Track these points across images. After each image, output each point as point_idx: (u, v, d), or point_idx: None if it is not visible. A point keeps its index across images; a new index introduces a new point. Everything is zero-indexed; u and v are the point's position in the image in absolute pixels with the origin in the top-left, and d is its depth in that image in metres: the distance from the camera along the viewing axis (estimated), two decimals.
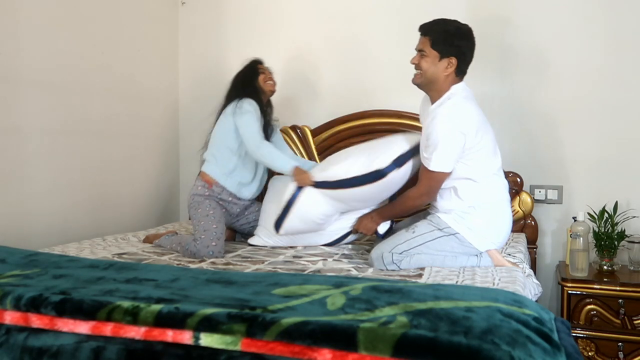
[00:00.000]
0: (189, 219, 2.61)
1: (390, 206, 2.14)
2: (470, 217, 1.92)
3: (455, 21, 1.97)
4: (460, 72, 1.96)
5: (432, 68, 1.93)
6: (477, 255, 1.93)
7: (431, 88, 1.98)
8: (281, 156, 2.28)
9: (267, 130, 2.45)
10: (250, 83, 2.45)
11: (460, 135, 1.86)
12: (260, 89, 2.46)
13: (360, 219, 2.20)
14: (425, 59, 1.94)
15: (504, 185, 2.03)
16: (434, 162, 1.89)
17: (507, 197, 2.03)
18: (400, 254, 1.92)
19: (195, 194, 2.37)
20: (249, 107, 2.33)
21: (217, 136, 2.42)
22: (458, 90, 1.94)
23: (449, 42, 1.92)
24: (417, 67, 1.97)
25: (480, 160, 1.93)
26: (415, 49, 1.98)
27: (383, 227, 2.15)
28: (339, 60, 2.99)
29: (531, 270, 2.02)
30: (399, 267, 1.92)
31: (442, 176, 1.92)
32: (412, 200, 2.02)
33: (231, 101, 2.40)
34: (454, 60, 1.92)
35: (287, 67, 3.01)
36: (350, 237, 2.33)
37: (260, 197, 2.59)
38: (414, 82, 1.99)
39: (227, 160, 2.39)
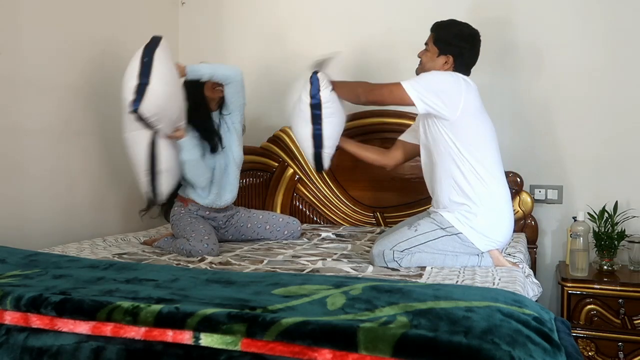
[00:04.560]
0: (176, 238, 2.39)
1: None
2: (474, 218, 1.91)
3: (464, 24, 2.08)
4: (459, 72, 2.01)
5: (430, 62, 2.05)
6: (478, 255, 1.93)
7: None
8: None
9: (214, 141, 2.32)
10: (196, 92, 2.28)
11: (452, 78, 1.92)
12: (208, 98, 2.34)
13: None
14: (427, 53, 2.08)
15: (507, 187, 2.02)
16: (410, 81, 1.93)
17: (510, 198, 2.02)
18: (402, 252, 1.93)
19: (173, 215, 2.38)
20: None
21: None
22: None
23: (449, 41, 2.03)
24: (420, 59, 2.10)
25: (481, 152, 1.93)
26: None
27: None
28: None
29: (531, 271, 2.01)
30: (399, 264, 1.92)
31: (402, 95, 1.92)
32: (362, 88, 2.06)
33: None
34: (450, 59, 2.02)
35: (287, 67, 3.00)
36: None
37: (243, 204, 2.59)
38: (416, 72, 2.10)
39: None
